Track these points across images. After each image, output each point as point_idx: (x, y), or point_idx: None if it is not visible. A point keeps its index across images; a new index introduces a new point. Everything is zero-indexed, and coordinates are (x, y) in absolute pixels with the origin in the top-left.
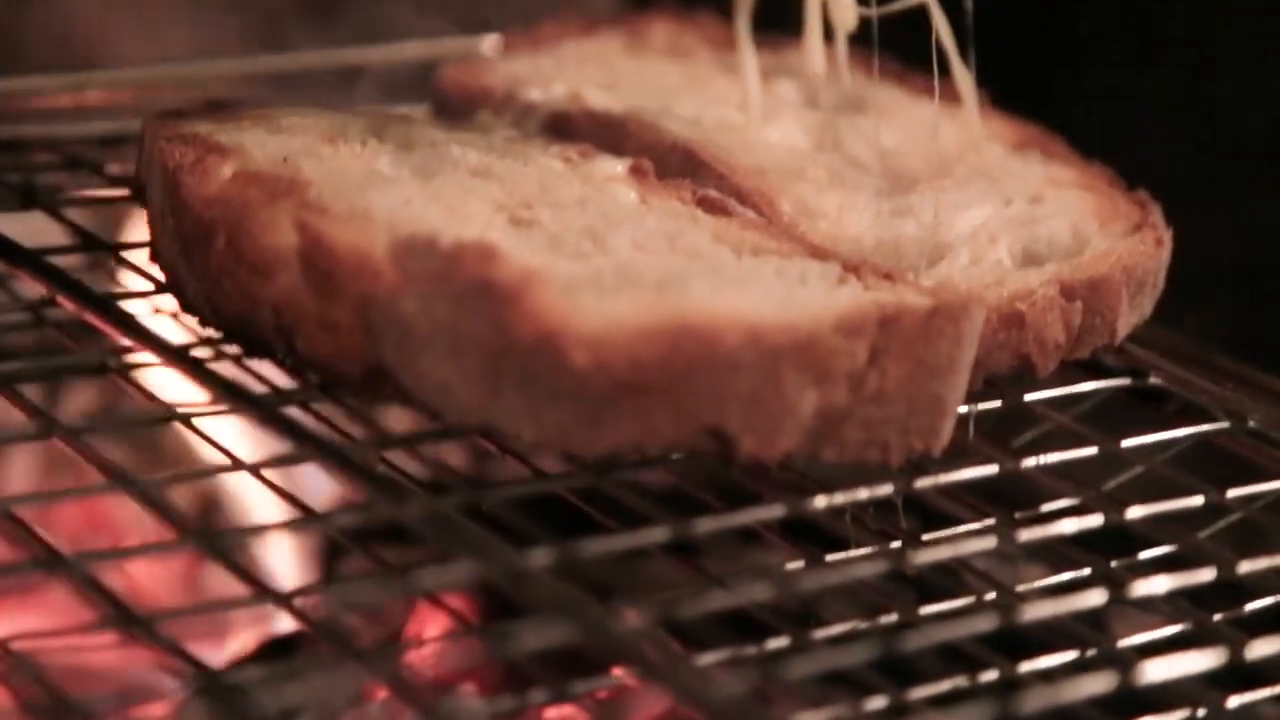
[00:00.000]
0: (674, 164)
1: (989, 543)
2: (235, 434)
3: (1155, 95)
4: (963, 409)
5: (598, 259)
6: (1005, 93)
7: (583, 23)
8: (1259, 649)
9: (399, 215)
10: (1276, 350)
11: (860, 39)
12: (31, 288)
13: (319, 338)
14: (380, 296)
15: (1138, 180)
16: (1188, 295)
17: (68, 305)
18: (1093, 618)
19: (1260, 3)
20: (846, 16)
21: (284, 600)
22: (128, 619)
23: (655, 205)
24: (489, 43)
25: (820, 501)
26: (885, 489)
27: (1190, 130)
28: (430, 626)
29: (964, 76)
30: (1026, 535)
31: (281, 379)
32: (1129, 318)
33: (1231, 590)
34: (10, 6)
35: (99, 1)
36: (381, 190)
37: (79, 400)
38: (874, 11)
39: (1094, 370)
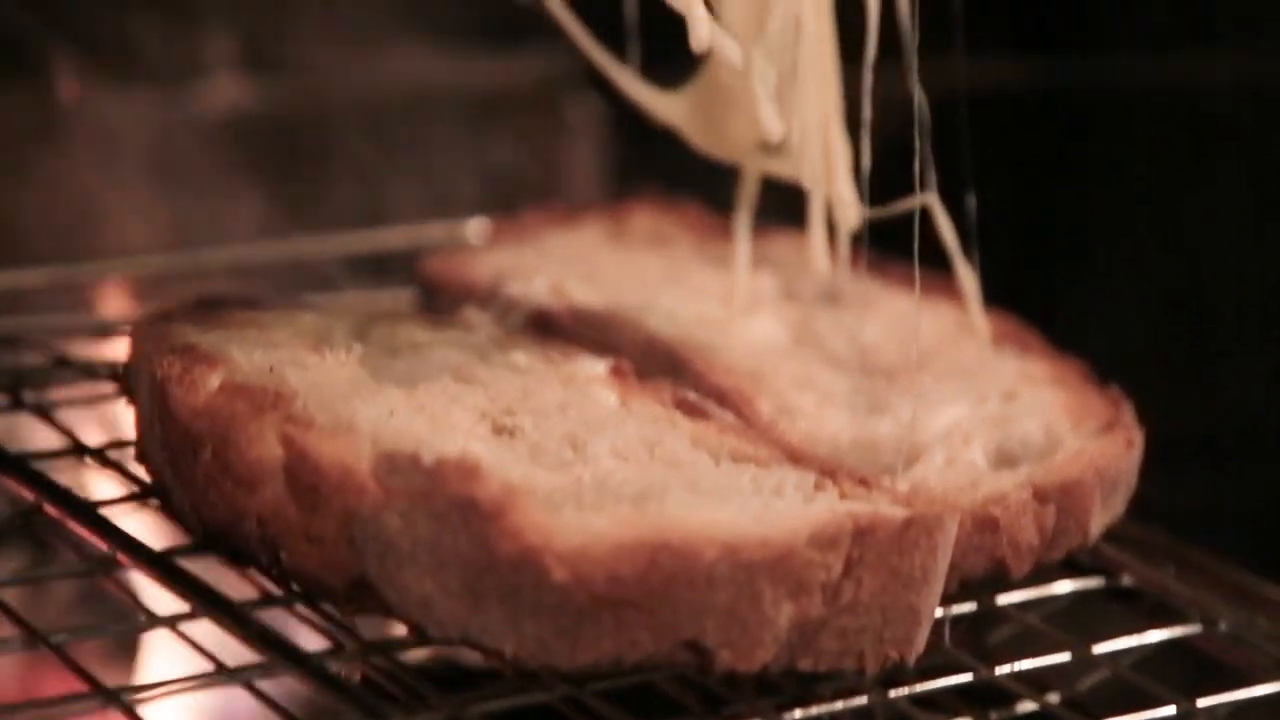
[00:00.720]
0: (655, 361)
1: None
2: (220, 638)
3: (1123, 275)
4: (938, 612)
5: (578, 468)
6: (985, 285)
7: (566, 210)
8: None
9: (383, 427)
10: (1244, 526)
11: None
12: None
13: (303, 550)
14: (364, 512)
15: (1106, 357)
16: (1157, 470)
17: (54, 512)
18: None
19: (1222, 196)
20: (850, 216)
21: None
22: None
23: (635, 409)
24: (474, 226)
25: (797, 715)
26: (860, 700)
27: (1157, 309)
28: None
29: (968, 275)
30: None
31: (266, 585)
32: (1101, 518)
33: None
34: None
35: (88, 191)
36: (366, 400)
37: (62, 596)
38: (878, 212)
39: (1067, 569)
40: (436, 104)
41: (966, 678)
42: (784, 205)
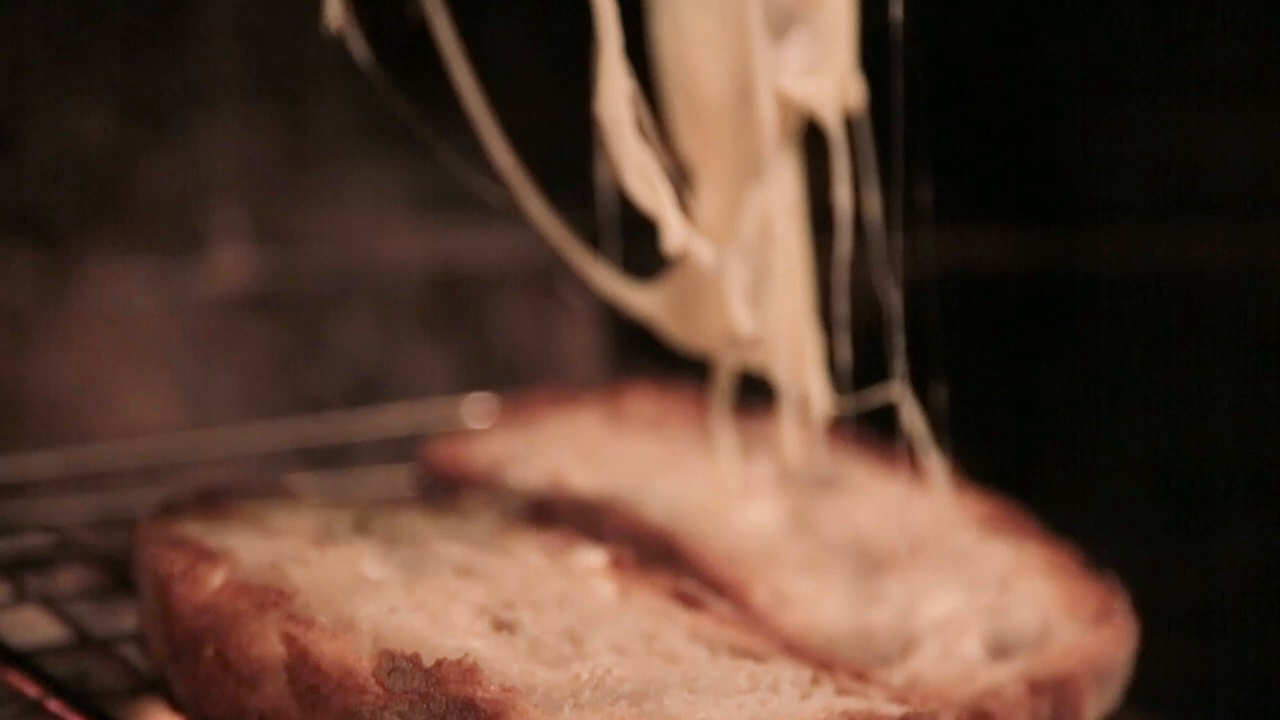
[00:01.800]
0: (652, 549)
1: None
2: None
3: (1115, 451)
4: None
5: (576, 665)
6: (975, 466)
7: (565, 393)
8: None
9: (384, 624)
10: (1238, 700)
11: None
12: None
13: None
14: (364, 712)
15: (1099, 530)
16: (1152, 646)
17: (57, 708)
18: None
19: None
20: (822, 406)
21: None
22: None
23: (634, 600)
24: (473, 404)
25: None
26: None
27: (1149, 484)
28: None
29: (938, 466)
30: None
31: None
32: (1095, 708)
33: None
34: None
35: (92, 365)
36: (367, 597)
37: None
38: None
39: None
40: (438, 279)
41: None
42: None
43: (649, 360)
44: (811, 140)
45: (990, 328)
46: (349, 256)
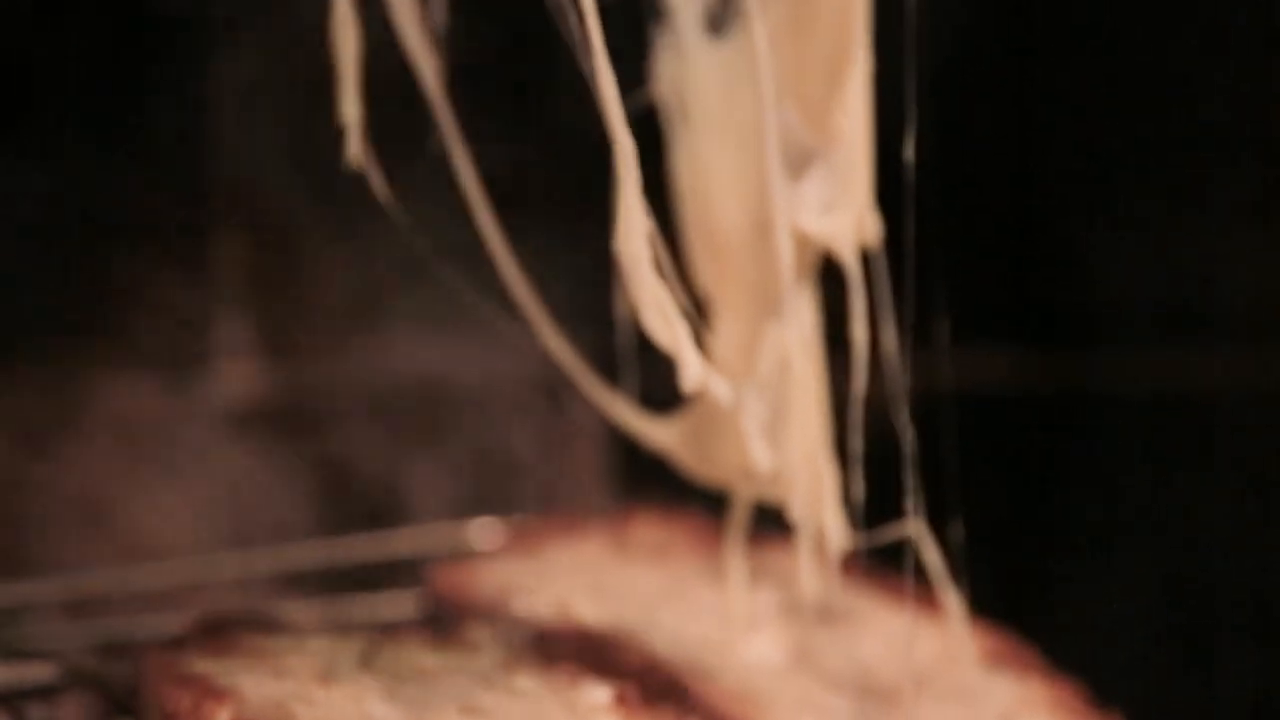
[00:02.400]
0: (658, 683)
1: None
2: None
3: (1121, 577)
4: None
5: None
6: (977, 596)
7: (572, 520)
8: None
9: None
10: None
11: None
12: None
13: None
14: None
15: (1105, 656)
16: None
17: None
18: None
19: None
20: (838, 542)
21: None
22: None
23: None
24: (480, 527)
25: None
26: None
27: (1156, 611)
28: None
29: (954, 603)
30: None
31: None
32: None
33: None
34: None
35: (97, 483)
36: None
37: None
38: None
39: None
40: (445, 395)
41: None
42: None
43: (655, 481)
44: (826, 272)
45: (993, 451)
46: (353, 370)
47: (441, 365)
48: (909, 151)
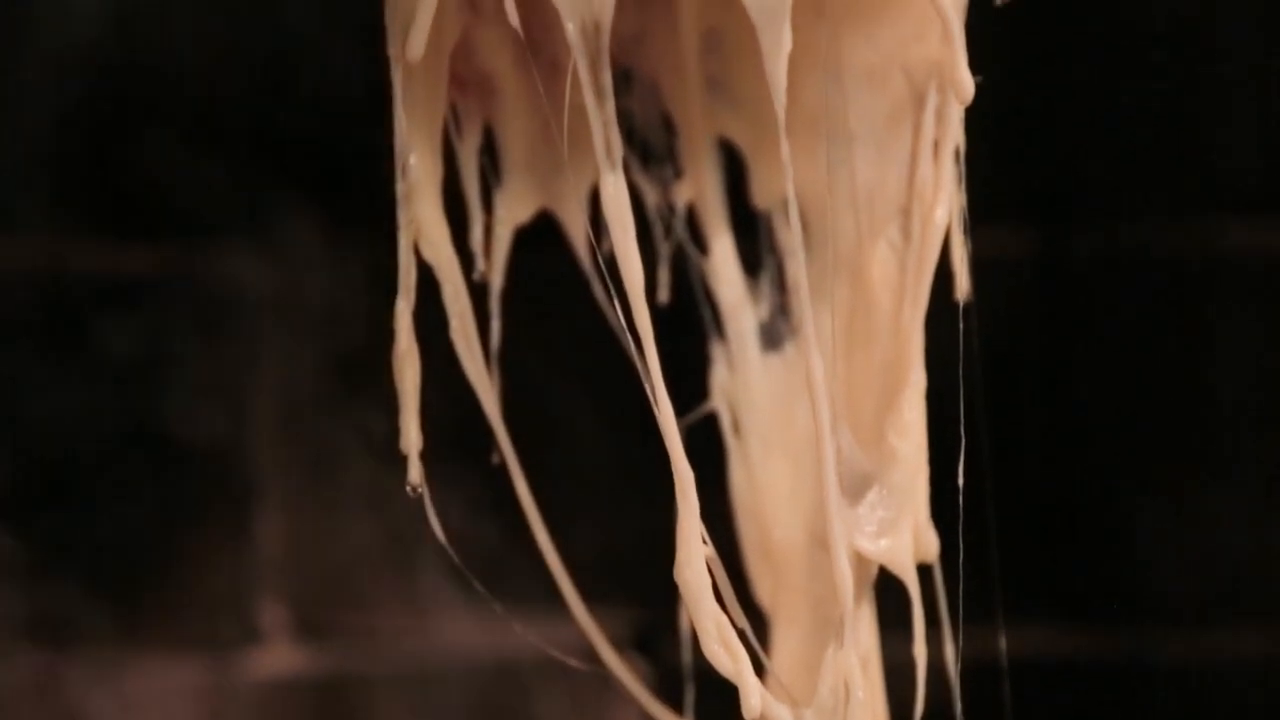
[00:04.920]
0: None
1: None
2: None
3: None
4: None
5: None
6: None
7: None
8: None
9: None
10: None
11: None
12: None
13: None
14: None
15: None
16: None
17: None
18: None
19: None
20: None
21: None
22: None
23: None
24: None
25: None
26: None
27: None
28: None
29: None
30: None
31: None
32: None
33: None
34: None
35: None
36: None
37: None
38: None
39: None
40: (484, 669)
41: None
42: None
43: None
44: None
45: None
46: (392, 650)
47: (483, 642)
48: (960, 477)
